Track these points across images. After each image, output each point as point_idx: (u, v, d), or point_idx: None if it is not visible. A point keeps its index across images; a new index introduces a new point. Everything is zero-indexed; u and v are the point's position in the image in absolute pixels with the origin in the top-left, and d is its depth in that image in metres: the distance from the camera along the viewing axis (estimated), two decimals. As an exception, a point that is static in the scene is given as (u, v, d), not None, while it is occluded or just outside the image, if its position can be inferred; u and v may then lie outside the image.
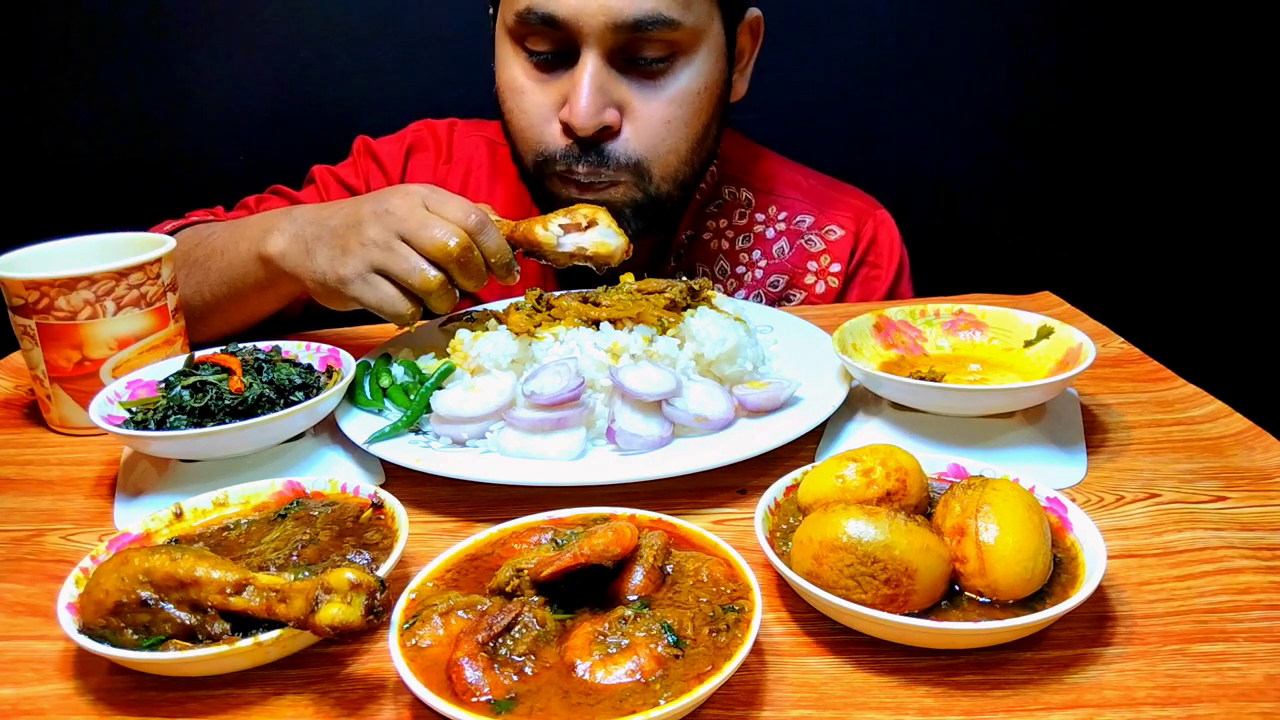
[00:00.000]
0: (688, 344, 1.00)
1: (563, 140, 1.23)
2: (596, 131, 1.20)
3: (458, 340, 1.03)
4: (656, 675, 0.59)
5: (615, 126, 1.21)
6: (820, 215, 1.48)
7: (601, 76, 1.18)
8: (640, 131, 1.22)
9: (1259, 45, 1.89)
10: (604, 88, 1.18)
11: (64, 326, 1.01)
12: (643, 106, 1.22)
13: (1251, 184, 1.98)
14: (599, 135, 1.21)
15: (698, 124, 1.27)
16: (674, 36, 1.18)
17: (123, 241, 1.12)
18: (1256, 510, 0.82)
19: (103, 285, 1.00)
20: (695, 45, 1.22)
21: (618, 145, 1.22)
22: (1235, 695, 0.61)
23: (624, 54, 1.19)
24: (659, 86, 1.22)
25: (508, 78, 1.26)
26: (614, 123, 1.21)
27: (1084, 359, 0.92)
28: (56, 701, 0.66)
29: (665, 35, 1.17)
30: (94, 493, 0.95)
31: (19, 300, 1.00)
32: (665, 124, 1.23)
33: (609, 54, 1.18)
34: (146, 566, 0.65)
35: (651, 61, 1.20)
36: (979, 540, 0.66)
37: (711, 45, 1.25)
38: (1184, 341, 1.38)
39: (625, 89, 1.21)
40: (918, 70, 1.89)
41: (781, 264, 1.47)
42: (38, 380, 1.06)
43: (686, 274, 1.45)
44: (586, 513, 0.75)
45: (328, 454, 0.96)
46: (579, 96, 1.17)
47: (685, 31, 1.19)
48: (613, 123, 1.20)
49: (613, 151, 1.22)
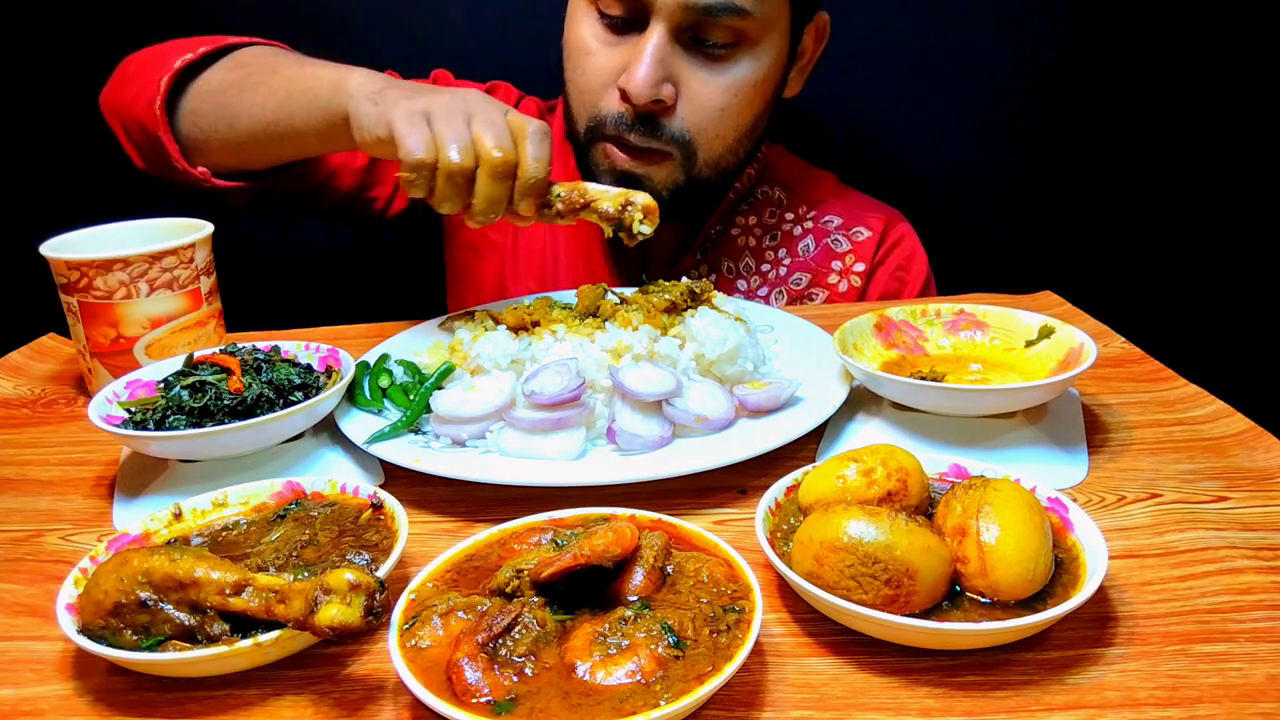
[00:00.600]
0: (688, 344, 1.00)
1: (618, 106, 1.25)
2: (651, 103, 1.22)
3: (457, 340, 1.03)
4: (657, 676, 0.58)
5: (670, 101, 1.23)
6: (849, 218, 1.49)
7: (664, 50, 1.20)
8: (693, 112, 1.25)
9: (1259, 45, 1.88)
10: (664, 61, 1.21)
11: (101, 305, 1.06)
12: (700, 88, 1.24)
13: (1251, 184, 1.98)
14: (653, 107, 1.23)
15: (749, 114, 1.29)
16: (742, 25, 1.21)
17: (165, 226, 1.17)
18: (1258, 510, 0.82)
19: (137, 267, 1.05)
20: (760, 37, 1.24)
21: (671, 122, 1.25)
22: (1237, 696, 0.61)
23: (690, 33, 1.22)
24: (718, 71, 1.24)
25: (575, 36, 1.28)
26: (669, 98, 1.23)
27: (1085, 359, 0.92)
28: (56, 702, 0.66)
29: (734, 22, 1.20)
30: (93, 493, 0.95)
31: (63, 279, 1.06)
32: (719, 110, 1.26)
33: (676, 30, 1.20)
34: (146, 567, 0.65)
35: (715, 46, 1.23)
36: (980, 541, 0.66)
37: (775, 40, 1.27)
38: (1185, 341, 1.38)
39: (685, 67, 1.23)
40: (918, 70, 1.89)
41: (805, 262, 1.47)
42: (81, 354, 1.11)
43: (709, 268, 1.46)
44: (586, 513, 0.75)
45: (327, 454, 0.96)
46: (639, 66, 1.19)
47: (753, 22, 1.21)
48: (668, 98, 1.22)
49: (666, 126, 1.25)
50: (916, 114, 1.93)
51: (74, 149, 1.85)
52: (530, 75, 1.60)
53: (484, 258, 1.49)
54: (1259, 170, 1.98)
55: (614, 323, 1.02)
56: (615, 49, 1.25)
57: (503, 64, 1.65)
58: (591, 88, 1.27)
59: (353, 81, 1.09)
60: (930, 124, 1.94)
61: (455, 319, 1.16)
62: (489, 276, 1.48)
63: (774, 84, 1.32)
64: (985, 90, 1.92)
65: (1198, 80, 1.92)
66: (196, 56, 1.24)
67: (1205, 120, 1.95)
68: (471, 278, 1.51)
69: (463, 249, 1.52)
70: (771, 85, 1.31)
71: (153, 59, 1.27)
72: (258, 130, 1.20)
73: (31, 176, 1.87)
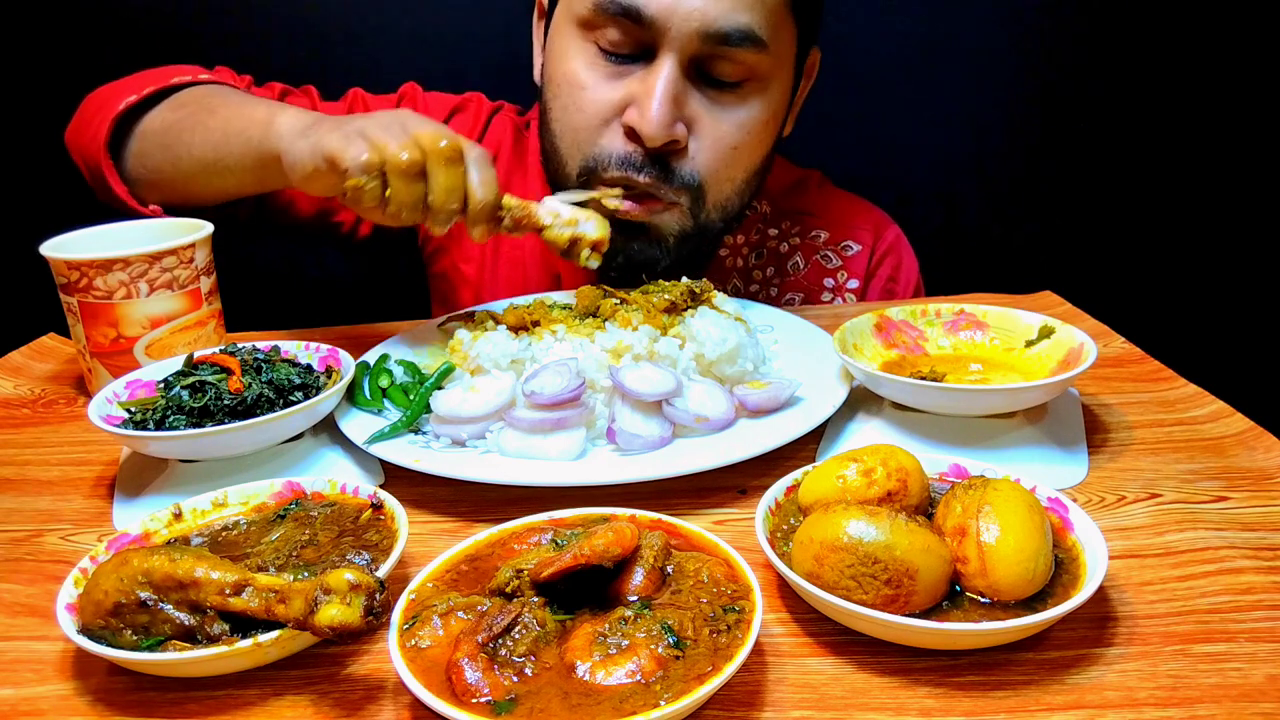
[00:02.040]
0: (689, 344, 1.00)
1: (624, 146, 1.15)
2: (664, 144, 1.13)
3: (457, 340, 1.03)
4: (657, 676, 0.58)
5: (683, 142, 1.15)
6: (835, 231, 1.46)
7: (678, 86, 1.11)
8: (706, 151, 1.16)
9: (1259, 45, 1.88)
10: (678, 99, 1.12)
11: (101, 305, 1.06)
12: (713, 127, 1.15)
13: (1252, 184, 1.98)
14: (665, 148, 1.14)
15: (758, 155, 1.22)
16: (755, 60, 1.13)
17: (165, 226, 1.17)
18: (1258, 510, 0.82)
19: (136, 267, 1.05)
20: (771, 74, 1.17)
21: (683, 164, 1.16)
22: (1237, 696, 0.61)
23: (699, 68, 1.13)
24: (729, 109, 1.16)
25: (568, 71, 1.17)
26: (682, 138, 1.14)
27: (1085, 359, 0.92)
28: (56, 702, 0.66)
29: (748, 56, 1.12)
30: (93, 493, 0.95)
31: (63, 279, 1.06)
32: (732, 150, 1.17)
33: (687, 63, 1.12)
34: (146, 567, 0.65)
35: (725, 83, 1.14)
36: (980, 541, 0.66)
37: (783, 78, 1.21)
38: (1185, 341, 1.38)
39: (697, 105, 1.14)
40: (919, 70, 1.89)
41: (797, 280, 1.45)
42: (81, 354, 1.11)
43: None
44: (586, 513, 0.75)
45: (327, 454, 0.96)
46: (652, 103, 1.10)
47: (766, 57, 1.14)
48: (681, 138, 1.14)
49: (678, 169, 1.16)
50: (917, 113, 1.94)
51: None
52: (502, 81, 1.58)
53: (458, 289, 1.47)
54: (1259, 170, 1.98)
55: (614, 323, 1.02)
56: (616, 82, 1.14)
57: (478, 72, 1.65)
58: (589, 126, 1.16)
59: (282, 121, 1.08)
60: (931, 123, 1.94)
61: (455, 319, 1.16)
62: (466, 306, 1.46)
63: (779, 122, 1.24)
64: (985, 90, 1.92)
65: (1198, 81, 1.92)
66: (140, 98, 1.24)
67: (1205, 121, 1.95)
68: (450, 306, 1.48)
69: (438, 279, 1.50)
70: (778, 124, 1.24)
71: (107, 99, 1.27)
72: (197, 170, 1.19)
73: (31, 176, 1.88)
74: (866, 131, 1.94)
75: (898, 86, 1.90)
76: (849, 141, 1.91)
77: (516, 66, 1.44)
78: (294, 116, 1.09)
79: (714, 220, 1.23)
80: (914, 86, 1.91)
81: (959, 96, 1.91)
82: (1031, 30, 1.89)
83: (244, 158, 1.13)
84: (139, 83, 1.27)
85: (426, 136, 0.96)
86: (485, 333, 1.03)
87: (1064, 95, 1.93)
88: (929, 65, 1.89)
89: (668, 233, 1.20)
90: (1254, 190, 1.99)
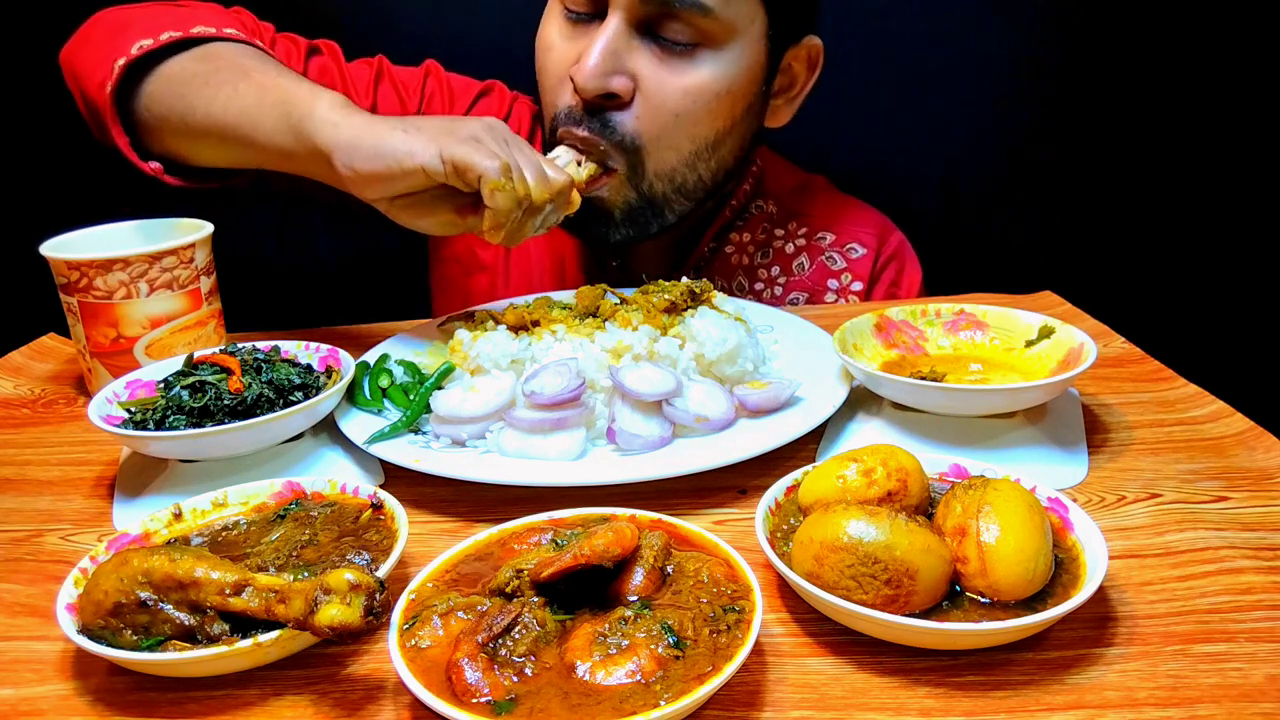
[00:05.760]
0: (688, 344, 1.00)
1: (570, 99, 1.19)
2: (602, 97, 1.16)
3: (457, 340, 1.03)
4: (657, 676, 0.58)
5: (625, 96, 1.17)
6: (841, 233, 1.46)
7: (618, 41, 1.15)
8: (648, 110, 1.17)
9: (1259, 45, 1.88)
10: (617, 52, 1.15)
11: (101, 305, 1.06)
12: (657, 87, 1.17)
13: (1252, 184, 1.98)
14: (605, 101, 1.17)
15: (709, 127, 1.21)
16: (703, 24, 1.15)
17: (165, 226, 1.17)
18: (1258, 510, 0.82)
19: (136, 267, 1.05)
20: (724, 41, 1.17)
21: (623, 117, 1.18)
22: (1237, 696, 0.61)
23: (651, 26, 1.16)
24: (677, 70, 1.17)
25: (542, 35, 1.24)
26: (623, 91, 1.16)
27: (1085, 359, 0.92)
28: (56, 702, 0.66)
29: (694, 19, 1.14)
30: (93, 493, 0.95)
31: (63, 279, 1.07)
32: (674, 115, 1.18)
33: (636, 22, 1.15)
34: (146, 567, 0.65)
35: (674, 43, 1.16)
36: (980, 541, 0.66)
37: (745, 51, 1.20)
38: (1185, 341, 1.38)
39: (643, 61, 1.17)
40: (918, 69, 1.89)
41: (801, 280, 1.45)
42: (81, 354, 1.11)
43: None
44: (586, 513, 0.75)
45: (327, 454, 0.96)
46: (588, 55, 1.14)
47: (716, 22, 1.15)
48: (622, 91, 1.16)
49: (616, 122, 1.18)
50: (916, 113, 1.93)
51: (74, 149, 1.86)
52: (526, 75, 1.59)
53: (473, 275, 1.47)
54: (1259, 170, 1.98)
55: (614, 323, 1.02)
56: (573, 42, 1.19)
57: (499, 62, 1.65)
58: (551, 86, 1.21)
59: (321, 104, 1.04)
60: (930, 123, 1.94)
61: (455, 319, 1.16)
62: (479, 295, 1.46)
63: (743, 101, 1.23)
64: (985, 90, 1.92)
65: (1198, 80, 1.92)
66: (156, 45, 1.16)
67: (1205, 120, 1.95)
68: (459, 292, 1.49)
69: (449, 263, 1.50)
70: (740, 101, 1.22)
71: (117, 29, 1.19)
72: (211, 129, 1.13)
73: (31, 176, 1.88)
74: (866, 131, 1.94)
75: (898, 85, 1.90)
76: (849, 141, 1.91)
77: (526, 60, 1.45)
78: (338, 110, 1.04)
79: (660, 191, 1.24)
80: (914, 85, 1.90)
81: (959, 96, 1.91)
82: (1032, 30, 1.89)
83: (274, 133, 1.07)
84: (155, 20, 1.19)
85: (545, 173, 1.02)
86: (485, 332, 1.03)
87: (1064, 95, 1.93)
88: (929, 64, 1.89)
89: (611, 205, 1.23)
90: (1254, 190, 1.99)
